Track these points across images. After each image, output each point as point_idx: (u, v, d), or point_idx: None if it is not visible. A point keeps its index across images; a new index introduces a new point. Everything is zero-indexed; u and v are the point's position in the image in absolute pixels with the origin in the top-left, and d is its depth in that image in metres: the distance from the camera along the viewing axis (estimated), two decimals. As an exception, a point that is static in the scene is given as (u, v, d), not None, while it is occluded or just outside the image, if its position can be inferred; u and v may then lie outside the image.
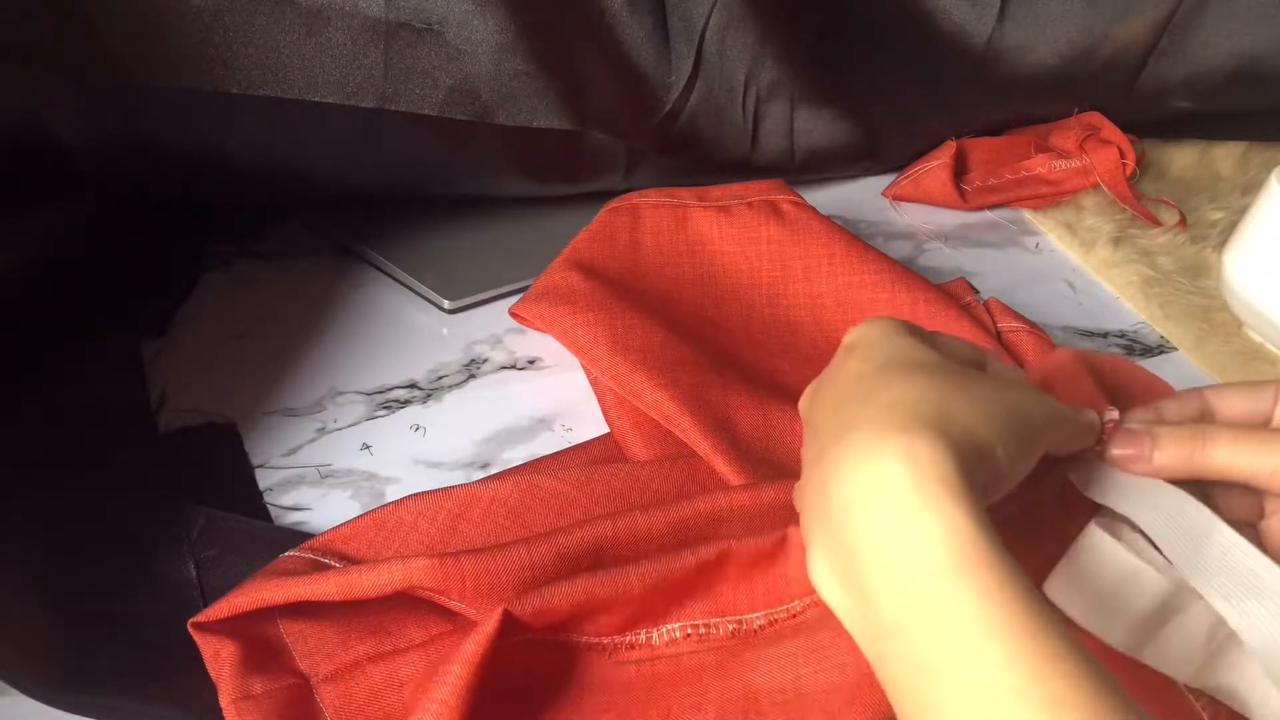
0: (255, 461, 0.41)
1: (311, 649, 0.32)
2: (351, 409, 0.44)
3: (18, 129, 0.41)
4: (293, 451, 0.42)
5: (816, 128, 0.60)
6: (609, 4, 0.51)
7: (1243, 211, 0.55)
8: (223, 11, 0.41)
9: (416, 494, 0.37)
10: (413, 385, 0.46)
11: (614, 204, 0.50)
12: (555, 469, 0.38)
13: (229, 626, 0.31)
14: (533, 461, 0.42)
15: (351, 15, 0.43)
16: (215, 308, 0.48)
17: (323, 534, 0.35)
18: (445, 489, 0.37)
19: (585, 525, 0.33)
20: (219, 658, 0.31)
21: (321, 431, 0.43)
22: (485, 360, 0.48)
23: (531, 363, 0.48)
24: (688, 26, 0.53)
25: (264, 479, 0.40)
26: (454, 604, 0.31)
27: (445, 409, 0.45)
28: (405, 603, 0.32)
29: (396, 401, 0.45)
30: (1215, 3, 0.62)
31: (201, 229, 0.52)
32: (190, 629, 0.31)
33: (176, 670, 0.31)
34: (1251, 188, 0.58)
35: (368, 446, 0.42)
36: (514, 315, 0.47)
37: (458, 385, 0.46)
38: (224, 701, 0.30)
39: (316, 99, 0.44)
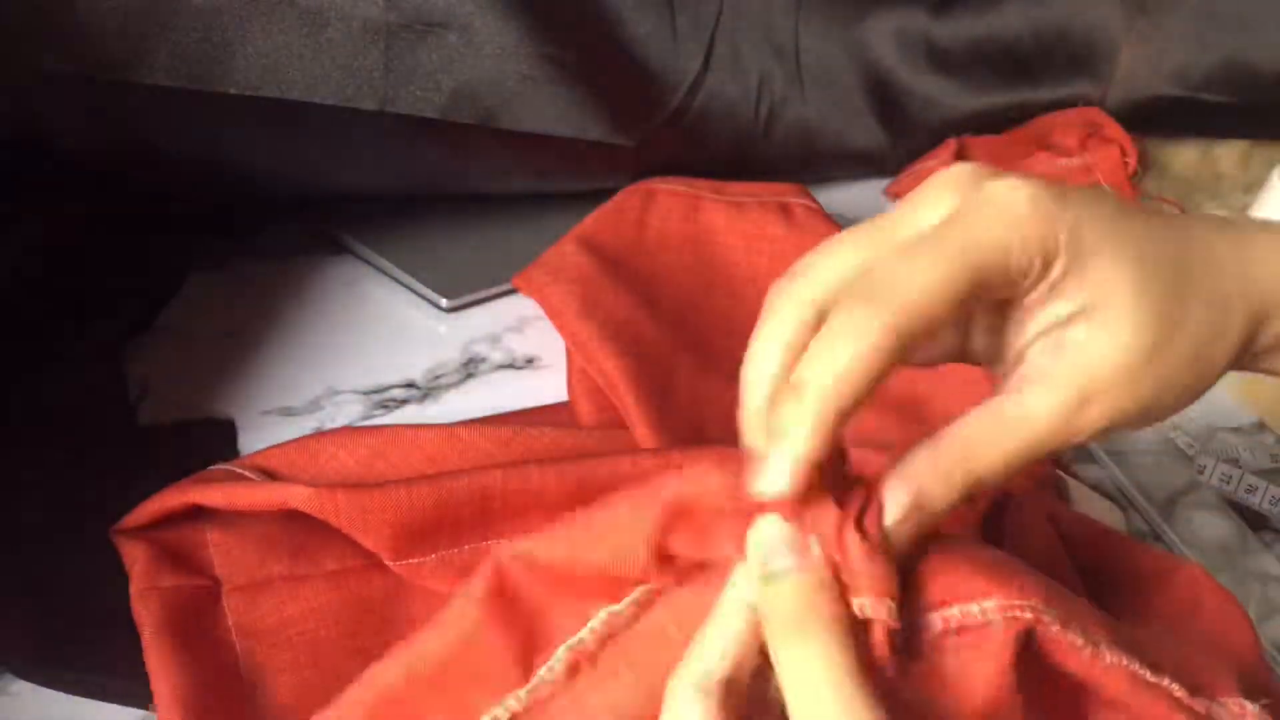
0: (252, 461, 0.41)
1: (231, 560, 0.33)
2: (349, 408, 0.44)
3: (11, 128, 0.41)
4: (290, 451, 0.42)
5: (831, 128, 0.60)
6: (613, 2, 0.51)
7: (1245, 210, 0.55)
8: (221, 11, 0.41)
9: (346, 427, 0.38)
10: (411, 385, 0.46)
11: (632, 186, 0.52)
12: (485, 424, 0.39)
13: (155, 534, 0.32)
14: (474, 419, 0.43)
15: (350, 16, 0.43)
16: (211, 306, 0.48)
17: (251, 453, 0.36)
18: (374, 427, 0.38)
19: (473, 473, 0.33)
20: (133, 555, 0.32)
21: (319, 431, 0.43)
22: (484, 360, 0.48)
23: (530, 362, 0.48)
24: (697, 25, 0.54)
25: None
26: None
27: (443, 408, 0.45)
28: (329, 529, 0.33)
29: (394, 401, 0.45)
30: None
31: (192, 224, 0.52)
32: (112, 536, 0.32)
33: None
34: (1253, 186, 0.58)
35: (365, 446, 0.42)
36: (514, 283, 0.48)
37: (456, 385, 0.46)
38: (132, 593, 0.31)
39: (316, 101, 0.44)
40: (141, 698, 0.31)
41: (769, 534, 0.21)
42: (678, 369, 0.44)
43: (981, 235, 0.21)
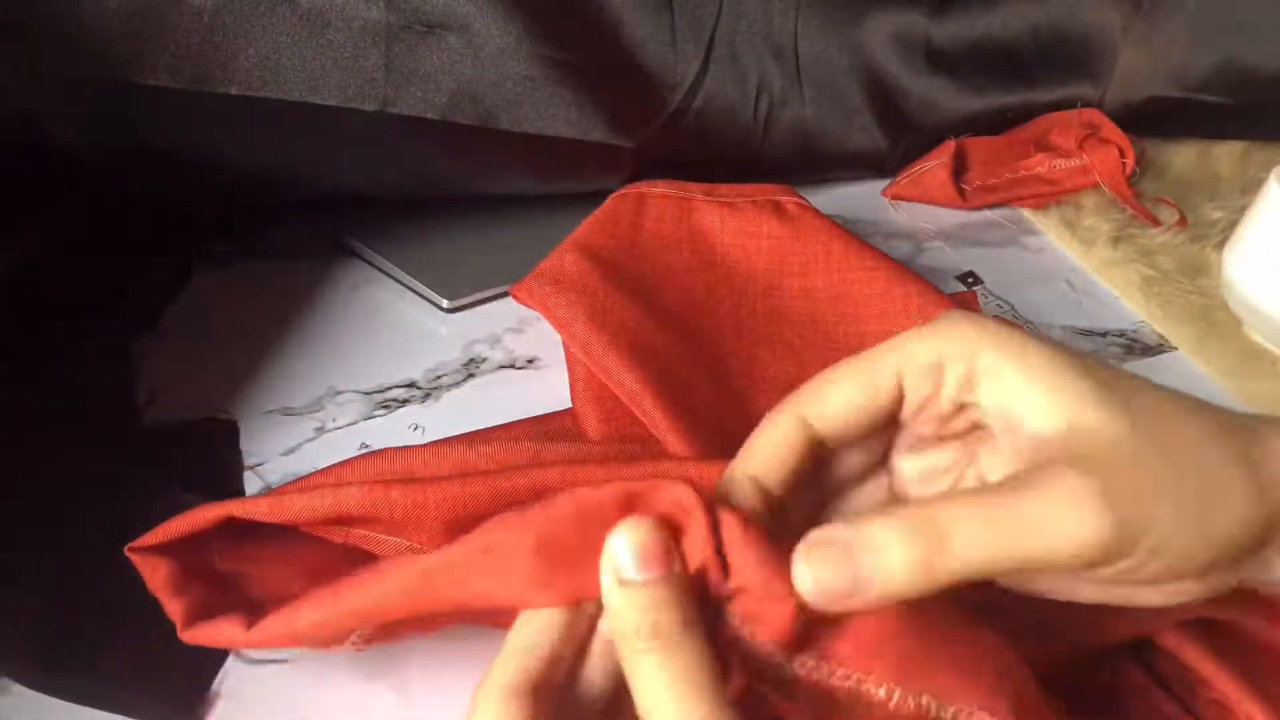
0: (254, 461, 0.41)
1: (250, 585, 0.32)
2: (350, 408, 0.44)
3: (12, 128, 0.41)
4: (291, 451, 0.42)
5: (829, 130, 0.61)
6: (613, 3, 0.51)
7: (1242, 211, 0.55)
8: (222, 11, 0.41)
9: (362, 454, 0.36)
10: (412, 385, 0.46)
11: (622, 191, 0.51)
12: (501, 445, 0.38)
13: (169, 558, 0.31)
14: (485, 430, 0.43)
15: (351, 17, 0.44)
16: (214, 306, 0.48)
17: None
18: (389, 450, 0.36)
19: (529, 470, 0.33)
20: (153, 569, 0.30)
21: (320, 431, 0.43)
22: (484, 360, 0.48)
23: (530, 362, 0.48)
24: (696, 27, 0.54)
25: (263, 478, 0.40)
26: (388, 539, 0.32)
27: (444, 408, 0.45)
28: (341, 559, 0.33)
29: (395, 401, 0.45)
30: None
31: (197, 224, 0.52)
32: (127, 553, 0.31)
33: (148, 656, 0.32)
34: (1251, 187, 0.58)
35: (366, 446, 0.42)
36: (512, 294, 0.48)
37: (457, 385, 0.46)
38: (162, 599, 0.30)
39: (317, 101, 0.44)
40: (142, 709, 0.31)
41: (628, 541, 0.22)
42: (696, 375, 0.43)
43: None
